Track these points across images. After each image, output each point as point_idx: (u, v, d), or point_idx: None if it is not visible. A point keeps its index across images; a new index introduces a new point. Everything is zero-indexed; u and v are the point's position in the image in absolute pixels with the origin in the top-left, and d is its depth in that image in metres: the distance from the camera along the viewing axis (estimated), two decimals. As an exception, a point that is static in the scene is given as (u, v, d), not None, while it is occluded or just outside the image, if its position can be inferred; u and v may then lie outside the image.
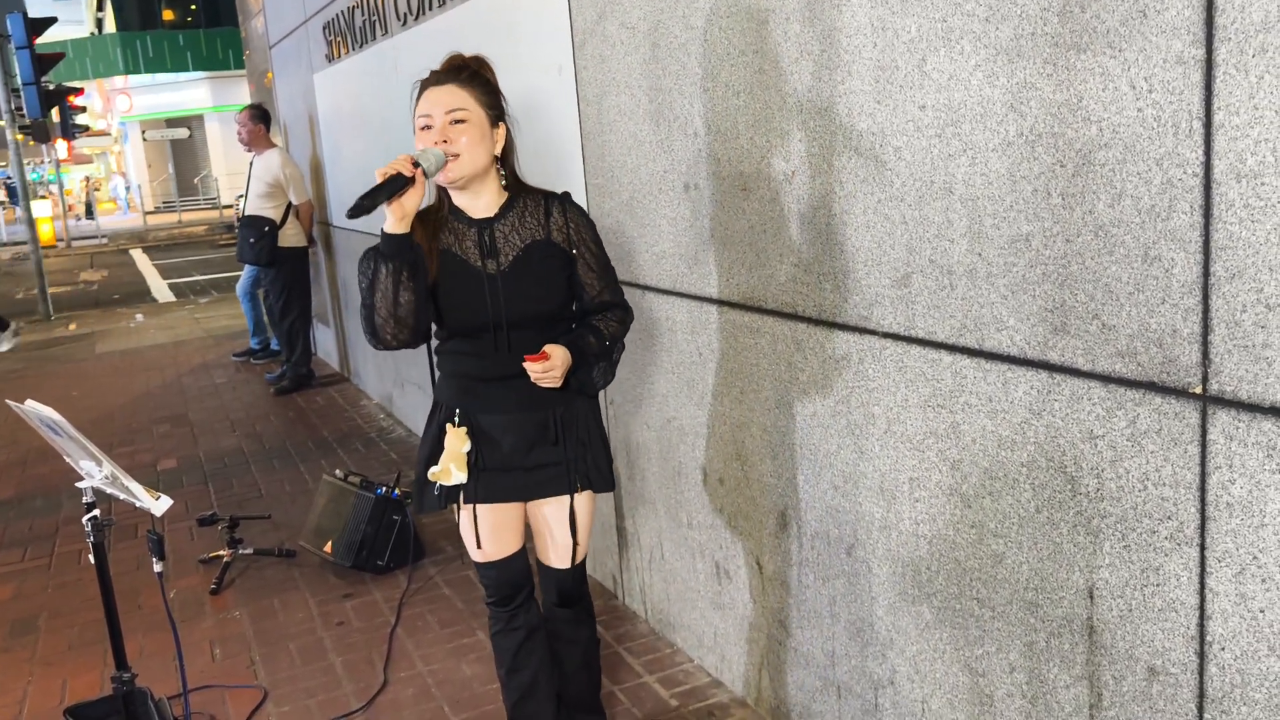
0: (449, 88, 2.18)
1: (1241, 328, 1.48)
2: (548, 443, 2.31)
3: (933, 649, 2.20)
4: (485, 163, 2.22)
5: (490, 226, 2.25)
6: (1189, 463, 1.59)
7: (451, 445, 2.26)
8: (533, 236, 2.26)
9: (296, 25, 7.31)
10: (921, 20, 1.94)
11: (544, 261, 2.26)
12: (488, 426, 2.29)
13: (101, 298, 14.54)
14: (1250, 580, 1.53)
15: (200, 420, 6.86)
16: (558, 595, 2.48)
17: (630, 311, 2.42)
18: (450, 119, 2.16)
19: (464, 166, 2.18)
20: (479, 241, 2.24)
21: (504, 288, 2.22)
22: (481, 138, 2.20)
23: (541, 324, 2.25)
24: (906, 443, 2.17)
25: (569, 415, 2.33)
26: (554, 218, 2.28)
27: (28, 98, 13.29)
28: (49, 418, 2.14)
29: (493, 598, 2.43)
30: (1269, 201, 1.42)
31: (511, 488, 2.33)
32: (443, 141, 2.16)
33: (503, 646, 2.46)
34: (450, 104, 2.16)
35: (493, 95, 2.24)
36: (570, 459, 2.33)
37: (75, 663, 3.59)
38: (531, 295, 2.23)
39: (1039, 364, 1.82)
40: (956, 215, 1.94)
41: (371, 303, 2.14)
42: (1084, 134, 1.66)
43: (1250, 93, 1.42)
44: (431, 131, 2.17)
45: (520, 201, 2.29)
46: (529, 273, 2.24)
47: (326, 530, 4.22)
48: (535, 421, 2.29)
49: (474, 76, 2.22)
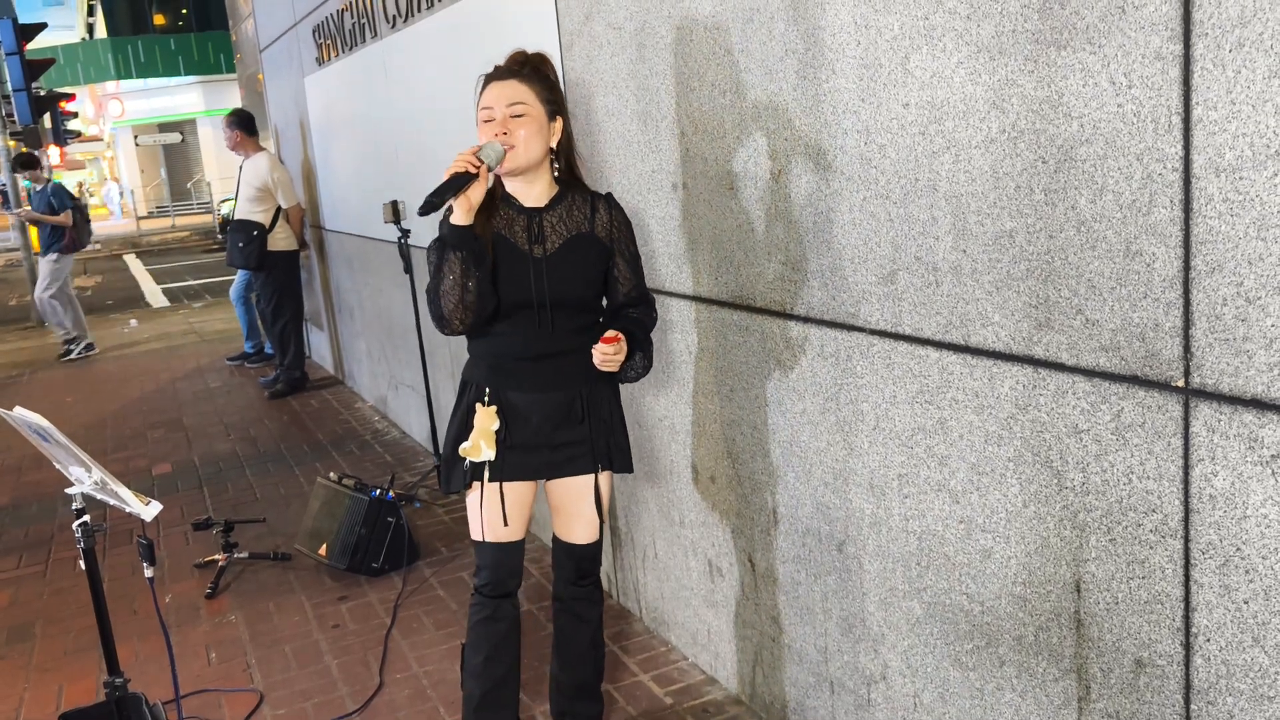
0: (510, 82, 2.29)
1: (1222, 321, 1.49)
2: (574, 422, 2.42)
3: (923, 644, 2.21)
4: (541, 155, 2.33)
5: (540, 215, 2.37)
6: (1172, 456, 1.60)
7: (481, 422, 2.37)
8: (579, 229, 2.38)
9: (286, 29, 7.31)
10: (904, 19, 1.95)
11: (586, 251, 2.38)
12: (518, 404, 2.39)
13: (95, 303, 14.52)
14: (1234, 572, 1.54)
15: (195, 425, 6.86)
16: (576, 571, 2.56)
17: (656, 309, 2.53)
18: (510, 112, 2.27)
19: (520, 157, 2.29)
20: (528, 228, 2.35)
21: (549, 271, 2.33)
22: (539, 130, 2.30)
23: (577, 308, 2.38)
24: (895, 439, 2.18)
25: (594, 396, 2.43)
26: (599, 214, 2.41)
27: (18, 104, 13.29)
28: (37, 424, 2.14)
29: (485, 581, 2.48)
30: (1247, 195, 1.43)
31: (537, 465, 2.43)
32: (503, 134, 2.26)
33: (483, 634, 2.49)
34: (511, 97, 2.28)
35: (552, 91, 2.35)
36: (594, 438, 2.44)
37: (71, 669, 3.59)
38: (572, 281, 2.36)
39: (1024, 359, 1.83)
40: (941, 212, 1.94)
41: (439, 289, 2.24)
42: (1065, 130, 1.67)
43: (1228, 87, 1.43)
44: (493, 124, 2.28)
45: (569, 195, 2.41)
46: (571, 260, 2.36)
47: (321, 533, 4.23)
48: (562, 401, 2.40)
49: (535, 72, 2.33)
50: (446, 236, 2.23)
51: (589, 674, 2.66)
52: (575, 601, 2.59)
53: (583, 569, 2.57)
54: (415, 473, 5.34)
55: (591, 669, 2.66)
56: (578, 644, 2.61)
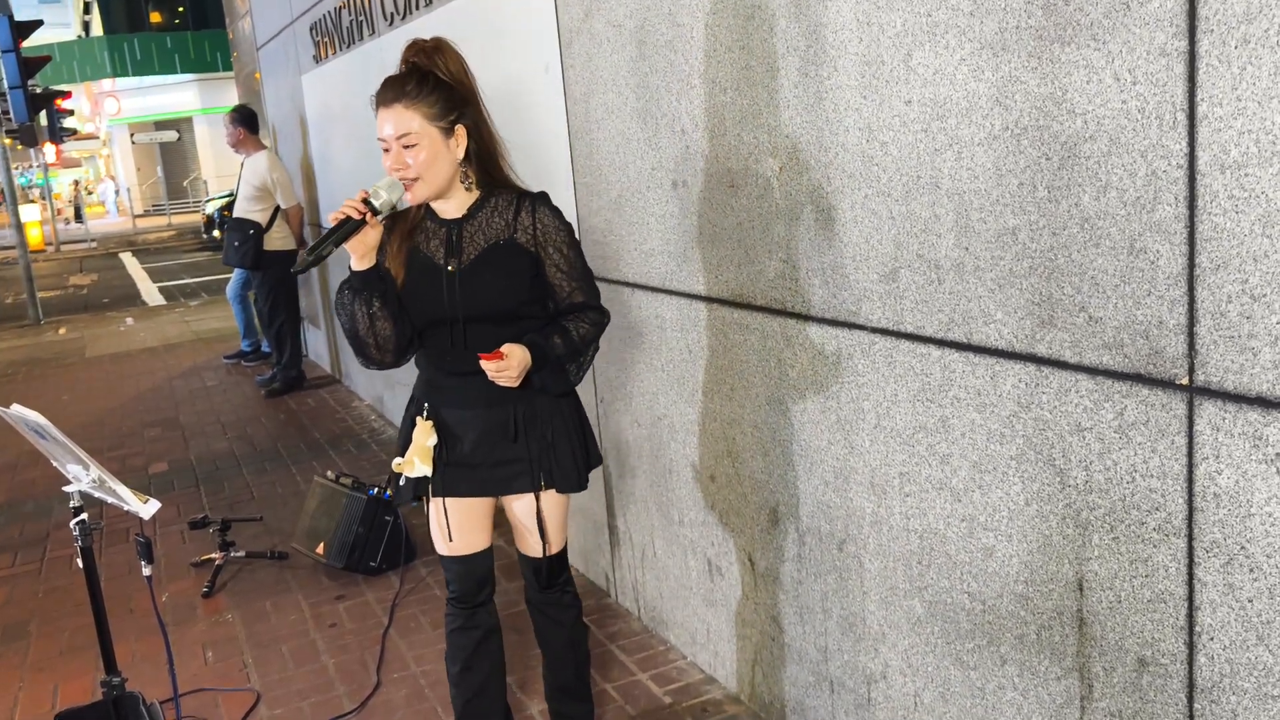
0: (395, 109, 2.14)
1: (1227, 318, 1.49)
2: (508, 440, 2.32)
3: (924, 643, 2.20)
4: (447, 176, 2.22)
5: (459, 226, 2.27)
6: (1176, 454, 1.60)
7: (417, 438, 2.31)
8: (498, 237, 2.26)
9: (283, 26, 7.29)
10: (906, 15, 1.94)
11: (505, 261, 2.25)
12: (451, 421, 2.33)
13: (91, 302, 14.49)
14: (1238, 570, 1.54)
15: (191, 423, 6.84)
16: (537, 581, 2.50)
17: (605, 314, 2.39)
18: (401, 144, 2.14)
19: (424, 189, 2.19)
20: (446, 240, 2.27)
21: (461, 285, 2.24)
22: (436, 155, 2.17)
23: (499, 321, 2.25)
24: (896, 437, 2.17)
25: (530, 413, 2.32)
26: (522, 218, 2.27)
27: (14, 101, 13.26)
28: (34, 422, 2.13)
29: (455, 593, 2.45)
30: (1253, 192, 1.42)
31: (475, 483, 2.35)
32: (399, 168, 2.15)
33: (459, 644, 2.47)
34: (399, 128, 2.14)
35: (446, 101, 2.17)
36: (533, 457, 2.33)
37: (67, 668, 3.58)
38: (489, 293, 2.24)
39: (1027, 357, 1.82)
40: (943, 210, 1.94)
41: (354, 330, 2.23)
42: (1069, 127, 1.67)
43: (1233, 84, 1.42)
44: (390, 156, 2.17)
45: (492, 201, 2.29)
46: (488, 271, 2.24)
47: (319, 532, 4.22)
48: (496, 418, 2.31)
49: (421, 86, 2.15)
50: (350, 279, 2.19)
51: (569, 676, 2.61)
52: (545, 605, 2.53)
53: (543, 579, 2.50)
54: (413, 471, 5.32)
55: (571, 671, 2.60)
56: (554, 645, 2.57)
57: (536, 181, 3.69)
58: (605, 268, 3.25)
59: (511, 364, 2.16)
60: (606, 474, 3.54)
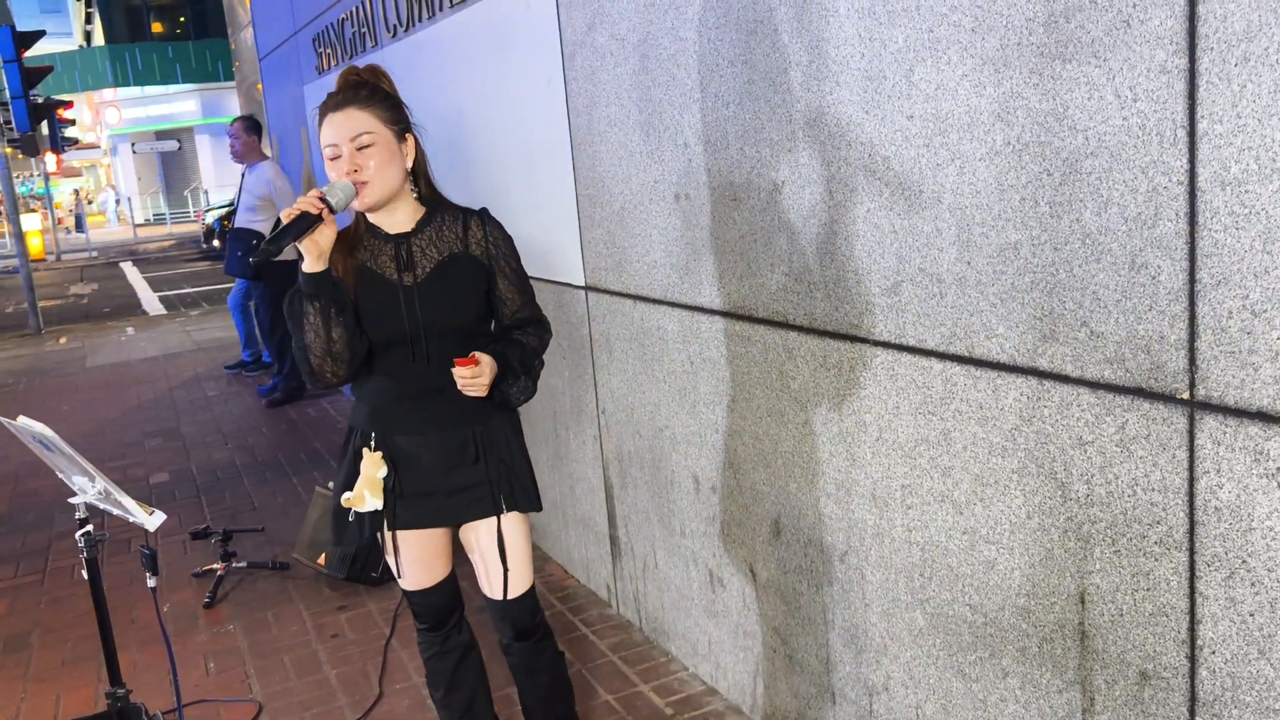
0: (348, 111, 2.12)
1: (1228, 334, 1.50)
2: (468, 463, 2.24)
3: (926, 655, 2.21)
4: (398, 182, 2.19)
5: (408, 240, 2.22)
6: (1177, 468, 1.61)
7: (366, 470, 2.21)
8: (451, 249, 2.22)
9: (286, 38, 7.32)
10: (909, 31, 1.96)
11: (462, 274, 2.22)
12: (405, 447, 2.23)
13: (92, 311, 14.51)
14: (1239, 584, 1.54)
15: (192, 433, 6.85)
16: (511, 631, 2.38)
17: (549, 328, 2.37)
18: (355, 145, 2.11)
19: (376, 191, 2.14)
20: (396, 255, 2.20)
21: (420, 299, 2.18)
22: (391, 158, 2.15)
23: (459, 337, 2.20)
24: (898, 450, 2.18)
25: (489, 434, 2.26)
26: (472, 232, 2.25)
27: (16, 111, 13.27)
28: (41, 434, 2.14)
29: (424, 624, 2.40)
30: (1253, 209, 1.43)
31: (433, 512, 2.26)
32: (353, 170, 2.11)
33: (438, 669, 2.43)
34: (353, 129, 2.11)
35: (395, 109, 2.18)
36: (493, 479, 2.26)
37: (69, 679, 3.58)
38: (449, 307, 2.19)
39: (1028, 371, 1.83)
40: (945, 224, 1.95)
41: (305, 344, 2.12)
42: (1070, 143, 1.68)
43: (1233, 101, 1.44)
44: (341, 161, 2.12)
45: (438, 216, 2.25)
46: (446, 284, 2.20)
47: (320, 543, 4.22)
48: (454, 441, 2.23)
49: (374, 93, 2.16)
50: (302, 286, 2.10)
51: (561, 711, 2.51)
52: (522, 657, 2.42)
53: (520, 629, 2.37)
54: (414, 482, 5.33)
55: (559, 707, 2.50)
56: (534, 693, 2.46)
57: (537, 193, 3.71)
58: (607, 279, 3.26)
59: (484, 370, 2.11)
60: (608, 485, 3.55)
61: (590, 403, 3.56)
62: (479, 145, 4.14)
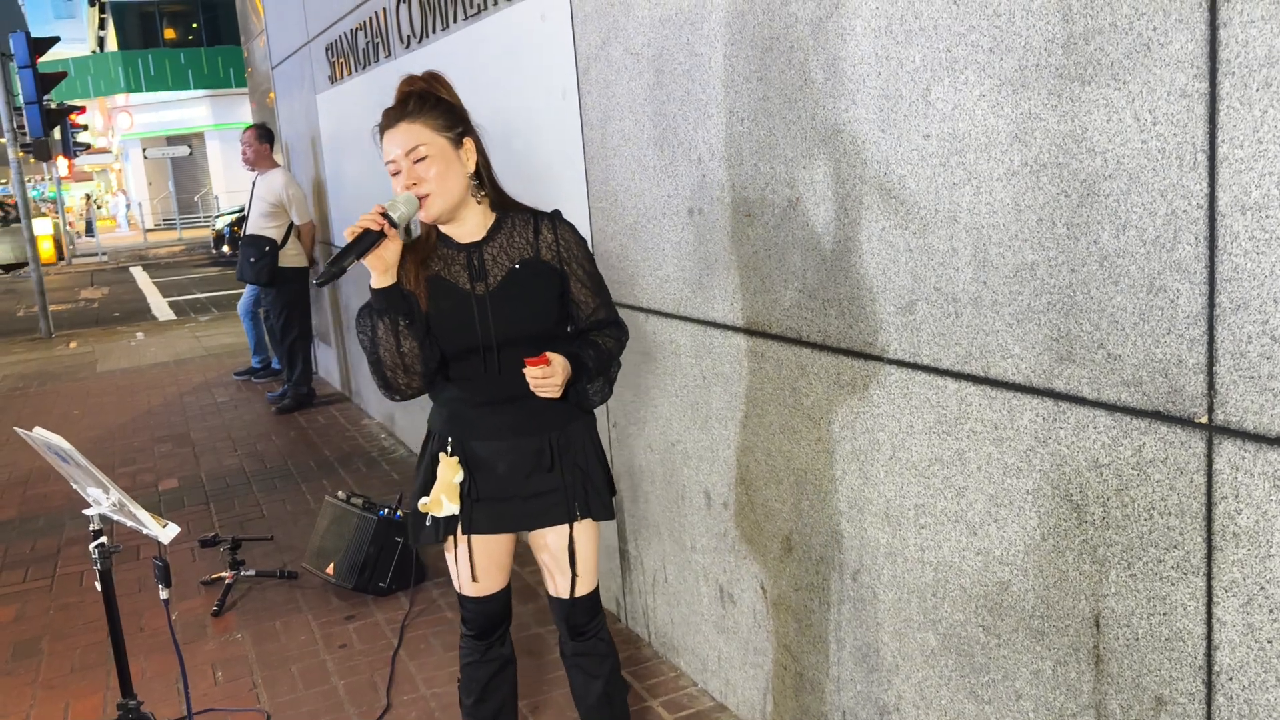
0: (401, 126, 2.14)
1: (1247, 359, 1.49)
2: (544, 469, 2.25)
3: (938, 675, 2.20)
4: (460, 190, 2.18)
5: (479, 249, 2.22)
6: (1195, 492, 1.60)
7: (443, 475, 2.23)
8: (522, 255, 2.21)
9: (299, 46, 7.34)
10: (926, 51, 1.96)
11: (534, 280, 2.21)
12: (481, 454, 2.24)
13: (102, 316, 14.55)
14: (1258, 610, 1.53)
15: (201, 439, 6.86)
16: (569, 629, 2.41)
17: (626, 330, 2.37)
18: (411, 159, 2.12)
19: (439, 202, 2.15)
20: (468, 265, 2.20)
21: (493, 308, 2.18)
22: (448, 167, 2.15)
23: (534, 345, 2.18)
24: (912, 469, 2.18)
25: (565, 440, 2.27)
26: (544, 235, 2.23)
27: (30, 116, 13.33)
28: (58, 446, 2.14)
29: (471, 630, 2.41)
30: (1274, 234, 1.43)
31: (508, 517, 2.28)
32: (412, 184, 2.12)
33: (474, 677, 2.43)
34: (407, 142, 2.12)
35: (448, 115, 2.18)
36: (568, 486, 2.27)
37: (78, 686, 3.58)
38: (522, 315, 2.19)
39: (1044, 392, 1.83)
40: (961, 243, 1.95)
41: (378, 358, 2.14)
42: (1088, 165, 1.67)
43: (1254, 126, 1.43)
44: (401, 175, 2.14)
45: (509, 221, 2.25)
46: (519, 292, 2.20)
47: (329, 552, 4.22)
48: (530, 448, 2.24)
49: (422, 103, 2.16)
50: (371, 301, 2.11)
51: None
52: (579, 657, 2.43)
53: (575, 625, 2.39)
54: (422, 491, 5.33)
55: None
56: (588, 698, 2.46)
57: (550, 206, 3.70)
58: (620, 293, 3.26)
59: (556, 370, 2.10)
60: (619, 499, 3.55)
61: (601, 416, 3.55)
62: (492, 156, 4.13)
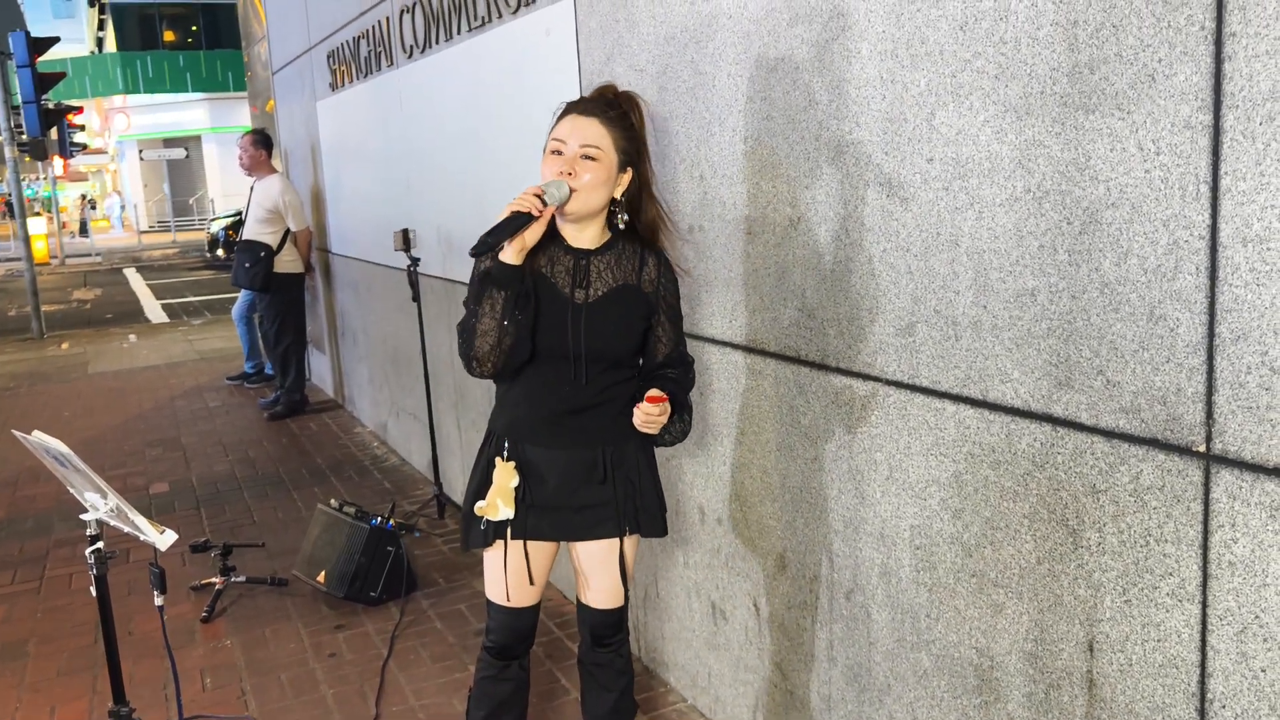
0: (592, 120, 2.16)
1: (1246, 389, 1.50)
2: (595, 482, 2.27)
3: (930, 696, 2.20)
4: (601, 205, 2.20)
5: (588, 258, 2.23)
6: (1192, 520, 1.61)
7: (500, 479, 2.25)
8: (625, 279, 2.24)
9: (300, 53, 7.35)
10: (931, 75, 1.97)
11: (631, 305, 2.24)
12: (536, 461, 2.26)
13: (94, 317, 14.51)
14: (1252, 639, 1.54)
15: (193, 444, 6.84)
16: (591, 636, 2.44)
17: (694, 371, 2.40)
18: (581, 153, 2.14)
19: (578, 203, 2.16)
20: (573, 270, 2.21)
21: (587, 319, 2.20)
22: (606, 180, 2.17)
23: (609, 364, 2.23)
24: (908, 490, 2.18)
25: (618, 456, 2.29)
26: (648, 269, 2.27)
27: (27, 116, 13.31)
28: (57, 450, 2.14)
29: (494, 644, 2.40)
30: (1275, 266, 1.44)
31: (559, 525, 2.30)
32: (567, 173, 2.13)
33: (488, 692, 2.43)
34: (586, 137, 2.14)
35: (632, 140, 2.21)
36: (619, 500, 2.29)
37: (64, 689, 3.56)
38: (611, 333, 2.22)
39: (1043, 417, 1.84)
40: (962, 268, 1.96)
41: (475, 328, 2.13)
42: (1091, 193, 1.69)
43: (1257, 159, 1.45)
44: (560, 159, 2.15)
45: (620, 244, 2.27)
46: (614, 311, 2.22)
47: (320, 560, 4.21)
48: (584, 459, 2.26)
49: (622, 118, 2.19)
50: (493, 272, 2.10)
51: None
52: (595, 667, 2.46)
53: (598, 635, 2.43)
54: (414, 501, 5.32)
55: None
56: (598, 709, 2.48)
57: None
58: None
59: (667, 410, 2.16)
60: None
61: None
62: (495, 167, 4.15)
